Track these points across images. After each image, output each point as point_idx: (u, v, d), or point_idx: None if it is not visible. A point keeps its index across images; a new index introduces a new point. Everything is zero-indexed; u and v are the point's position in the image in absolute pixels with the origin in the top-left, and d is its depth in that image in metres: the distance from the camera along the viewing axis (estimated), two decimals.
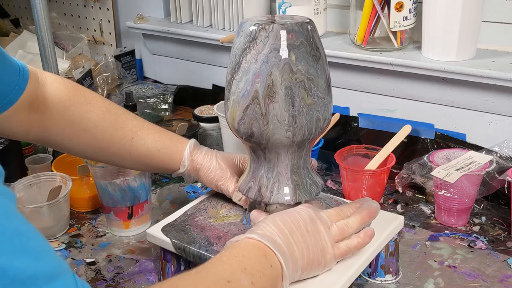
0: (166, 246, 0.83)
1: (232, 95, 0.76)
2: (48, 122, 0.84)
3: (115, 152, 0.88)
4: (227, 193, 0.89)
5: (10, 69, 0.79)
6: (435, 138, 1.15)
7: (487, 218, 1.02)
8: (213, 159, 0.90)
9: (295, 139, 0.75)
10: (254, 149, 0.79)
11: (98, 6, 1.64)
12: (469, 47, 1.07)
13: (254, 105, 0.73)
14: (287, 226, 0.69)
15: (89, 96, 0.88)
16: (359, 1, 1.15)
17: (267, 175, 0.79)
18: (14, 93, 0.79)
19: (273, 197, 0.79)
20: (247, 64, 0.73)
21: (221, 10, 1.36)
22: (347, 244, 0.73)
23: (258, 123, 0.74)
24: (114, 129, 0.87)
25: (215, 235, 0.82)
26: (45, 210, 0.99)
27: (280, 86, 0.72)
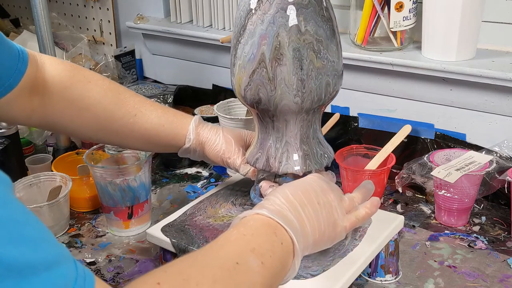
0: (166, 246, 0.83)
1: (238, 60, 0.73)
2: (49, 104, 0.83)
3: (118, 130, 0.86)
4: (234, 167, 0.87)
5: (9, 53, 0.78)
6: (435, 138, 1.15)
7: (487, 218, 1.02)
8: (219, 133, 0.88)
9: (303, 105, 0.73)
10: (262, 117, 0.77)
11: (98, 6, 1.64)
12: (469, 47, 1.07)
13: (261, 69, 0.71)
14: (298, 199, 0.66)
15: (89, 75, 0.87)
16: (359, 1, 1.15)
17: (275, 145, 0.77)
18: (14, 77, 0.78)
19: (282, 167, 0.77)
20: (253, 26, 0.71)
21: (221, 10, 1.36)
22: (356, 215, 0.71)
23: (265, 88, 0.72)
24: (116, 107, 0.85)
25: (214, 235, 0.82)
26: (45, 210, 0.99)
27: (287, 48, 0.70)
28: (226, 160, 0.87)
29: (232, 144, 0.87)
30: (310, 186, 0.69)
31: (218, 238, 0.61)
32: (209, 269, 0.55)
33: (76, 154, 1.18)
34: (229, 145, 0.87)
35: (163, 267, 0.54)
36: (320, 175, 0.72)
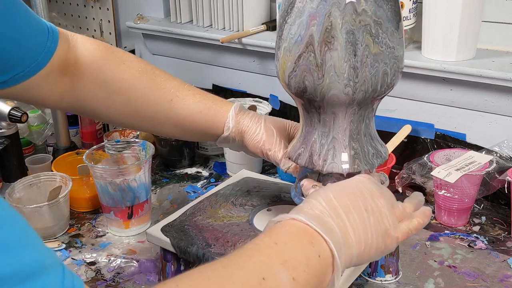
0: (166, 246, 0.83)
1: (283, 42, 0.65)
2: (80, 86, 0.78)
3: (152, 116, 0.81)
4: (274, 160, 0.80)
5: (37, 30, 0.72)
6: (435, 138, 1.15)
7: (487, 218, 1.02)
8: (261, 121, 0.81)
9: (355, 96, 0.64)
10: (307, 109, 0.69)
11: (98, 6, 1.64)
12: (469, 47, 1.07)
13: (308, 54, 0.63)
14: (342, 203, 0.58)
15: (123, 56, 0.81)
16: None
17: (320, 141, 0.70)
18: (42, 56, 0.72)
19: (327, 166, 0.69)
20: (302, 4, 0.63)
21: (221, 10, 1.36)
22: (409, 225, 0.63)
23: (311, 76, 0.64)
24: (150, 91, 0.79)
25: (214, 236, 0.82)
26: (45, 210, 0.99)
27: (340, 30, 0.61)
28: (266, 152, 0.80)
29: (273, 135, 0.80)
30: (358, 189, 0.60)
31: (246, 245, 0.54)
32: (229, 284, 0.48)
33: (76, 154, 1.18)
34: (270, 136, 0.80)
35: (176, 279, 0.48)
36: (370, 177, 0.64)
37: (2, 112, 1.06)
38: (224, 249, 0.78)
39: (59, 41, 0.74)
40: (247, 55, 1.34)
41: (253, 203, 0.90)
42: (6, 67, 0.69)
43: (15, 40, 0.68)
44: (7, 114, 1.06)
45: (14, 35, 0.68)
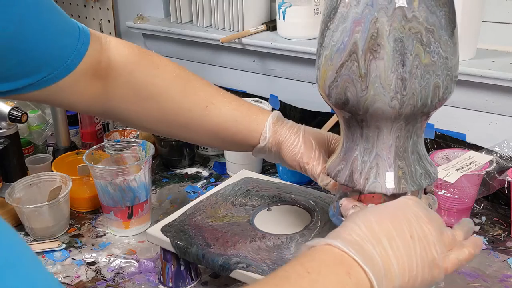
0: (166, 246, 0.83)
1: (324, 50, 0.61)
2: (112, 90, 0.75)
3: (185, 123, 0.77)
4: (312, 175, 0.75)
5: (68, 31, 0.70)
6: (435, 138, 1.15)
7: (487, 218, 1.02)
8: (299, 132, 0.76)
9: (402, 110, 0.59)
10: (349, 122, 0.64)
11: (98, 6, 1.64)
12: (469, 47, 1.07)
13: (351, 63, 0.58)
14: (385, 228, 0.53)
15: (157, 60, 0.77)
16: None
17: (362, 158, 0.65)
18: (72, 58, 0.69)
19: (369, 186, 0.64)
20: (346, 8, 0.58)
21: (221, 10, 1.36)
22: (458, 256, 0.58)
23: (354, 87, 0.59)
24: (184, 97, 0.76)
25: (213, 236, 0.82)
26: (45, 210, 0.99)
27: (387, 38, 0.56)
28: (304, 165, 0.75)
29: (312, 148, 0.75)
30: (402, 213, 0.55)
31: (276, 272, 0.50)
32: None
33: (76, 154, 1.18)
34: (309, 149, 0.75)
35: None
36: (417, 199, 0.59)
37: (2, 112, 1.06)
38: (224, 249, 0.78)
39: (90, 43, 0.72)
40: (247, 55, 1.34)
41: (253, 203, 0.90)
42: (34, 69, 0.67)
43: (44, 40, 0.66)
44: (7, 114, 1.06)
45: (43, 35, 0.66)
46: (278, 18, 1.25)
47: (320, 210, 0.88)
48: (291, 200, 0.91)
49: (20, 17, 0.63)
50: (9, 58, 0.64)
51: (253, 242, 0.80)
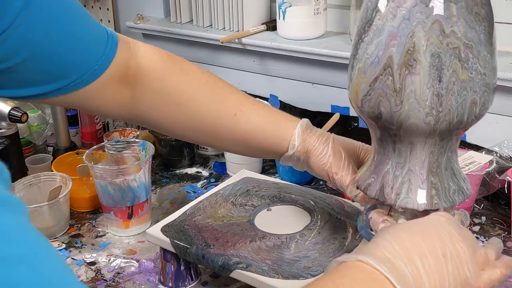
0: (166, 246, 0.83)
1: (358, 63, 0.60)
2: (141, 96, 0.75)
3: (214, 130, 0.77)
4: (340, 185, 0.74)
5: (95, 36, 0.69)
6: None
7: (487, 218, 1.02)
8: (329, 141, 0.75)
9: (437, 126, 0.58)
10: (381, 136, 0.63)
11: (98, 6, 1.64)
12: None
13: (385, 77, 0.57)
14: (417, 246, 0.52)
15: (186, 66, 0.77)
16: (359, 1, 1.15)
17: (394, 172, 0.63)
18: (99, 64, 0.69)
19: (400, 201, 0.63)
20: (382, 21, 0.57)
21: (221, 10, 1.36)
22: (490, 276, 0.56)
23: (388, 101, 0.58)
24: (213, 104, 0.76)
25: (213, 236, 0.82)
26: (45, 210, 0.99)
27: (424, 53, 0.55)
28: (332, 175, 0.74)
29: (341, 158, 0.74)
30: (435, 230, 0.55)
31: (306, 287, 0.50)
32: None
33: (76, 154, 1.18)
34: (338, 159, 0.74)
35: None
36: (450, 216, 0.58)
37: (2, 112, 1.06)
38: (224, 249, 0.79)
39: (118, 49, 0.71)
40: (247, 55, 1.34)
41: (253, 203, 0.90)
42: (61, 74, 0.67)
43: (71, 45, 0.66)
44: (7, 114, 1.06)
45: (71, 42, 0.66)
46: (278, 18, 1.25)
47: (320, 210, 0.88)
48: (291, 200, 0.91)
49: (48, 24, 0.63)
50: (36, 65, 0.64)
51: (253, 242, 0.80)
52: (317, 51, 1.19)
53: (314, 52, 1.20)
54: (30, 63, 0.64)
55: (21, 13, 0.60)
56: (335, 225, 0.84)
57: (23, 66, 0.64)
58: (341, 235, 0.82)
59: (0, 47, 0.61)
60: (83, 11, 0.69)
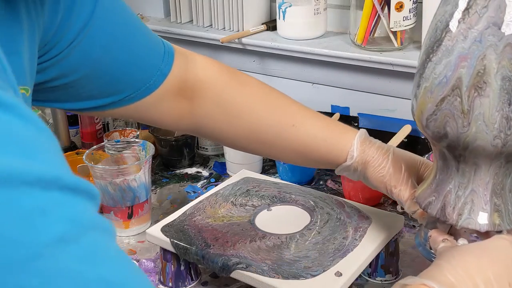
0: (166, 246, 0.83)
1: (425, 82, 0.59)
2: (200, 109, 0.75)
3: (273, 141, 0.77)
4: (398, 199, 0.73)
5: (152, 52, 0.70)
6: None
7: None
8: (388, 154, 0.74)
9: (505, 149, 0.57)
10: (444, 155, 0.63)
11: None
12: None
13: (453, 98, 0.57)
14: (482, 273, 0.51)
15: (244, 79, 0.78)
16: (359, 1, 1.15)
17: (456, 192, 0.63)
18: (155, 79, 0.69)
19: (462, 221, 0.62)
20: (451, 42, 0.56)
21: (221, 10, 1.36)
22: None
23: (455, 122, 0.57)
24: (272, 115, 0.76)
25: (213, 236, 0.82)
26: None
27: (494, 76, 0.55)
28: (391, 188, 0.73)
29: (401, 171, 0.72)
30: (501, 256, 0.54)
31: None
32: None
33: (76, 154, 1.18)
34: (398, 172, 0.73)
35: None
36: None
37: None
38: (223, 250, 0.79)
39: (175, 62, 0.72)
40: (247, 55, 1.34)
41: (253, 203, 0.90)
42: (116, 89, 0.68)
43: (128, 62, 0.67)
44: None
45: (127, 57, 0.67)
46: (278, 18, 1.25)
47: (319, 210, 0.88)
48: (291, 200, 0.91)
49: (107, 42, 0.64)
50: (92, 81, 0.65)
51: (253, 242, 0.80)
52: (317, 51, 1.19)
53: (314, 52, 1.20)
54: (86, 79, 0.64)
55: (81, 32, 0.61)
56: (335, 225, 0.84)
57: (80, 82, 0.64)
58: (341, 235, 0.82)
59: (58, 65, 0.62)
60: (141, 25, 0.70)
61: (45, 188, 0.29)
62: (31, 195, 0.28)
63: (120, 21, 0.66)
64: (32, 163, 0.29)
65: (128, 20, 0.68)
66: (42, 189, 0.29)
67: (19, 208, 0.27)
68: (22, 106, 0.30)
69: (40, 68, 0.60)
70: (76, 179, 0.31)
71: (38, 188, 0.28)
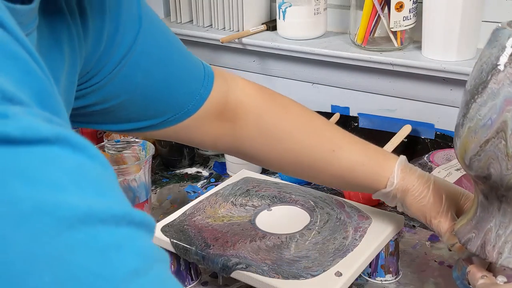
0: (166, 246, 0.83)
1: (469, 122, 0.60)
2: (239, 132, 0.76)
3: (312, 166, 0.78)
4: (437, 230, 0.73)
5: (192, 76, 0.71)
6: (435, 138, 1.15)
7: None
8: (429, 183, 0.74)
9: None
10: (486, 194, 0.63)
11: None
12: (469, 47, 1.07)
13: (498, 140, 0.57)
14: None
15: (285, 103, 0.78)
16: (359, 1, 1.15)
17: (497, 231, 0.63)
18: (194, 104, 0.70)
19: (502, 260, 0.62)
20: (497, 86, 0.57)
21: (221, 10, 1.36)
22: None
23: (499, 164, 0.58)
24: (312, 140, 0.77)
25: (213, 236, 0.82)
26: None
27: None
28: (430, 219, 0.73)
29: (441, 202, 0.73)
30: None
31: None
32: None
33: None
34: (438, 203, 0.73)
35: None
36: None
37: None
38: (223, 250, 0.79)
39: (214, 85, 0.72)
40: (247, 55, 1.34)
41: (253, 203, 0.90)
42: (154, 113, 0.68)
43: (169, 87, 0.67)
44: None
45: (168, 82, 0.67)
46: (278, 18, 1.25)
47: (319, 210, 0.88)
48: (291, 200, 0.91)
49: (149, 68, 0.64)
50: (132, 106, 0.65)
51: (253, 242, 0.80)
52: (317, 51, 1.19)
53: (314, 52, 1.20)
54: (126, 104, 0.65)
55: (123, 59, 0.61)
56: (335, 225, 0.84)
57: (119, 107, 0.65)
58: (341, 235, 0.82)
59: (100, 91, 0.62)
60: (182, 48, 0.70)
61: (118, 224, 0.30)
62: (107, 231, 0.30)
63: (162, 45, 0.66)
64: (105, 201, 0.31)
65: (169, 44, 0.68)
66: (115, 226, 0.30)
67: (98, 245, 0.29)
68: (90, 146, 0.32)
69: (81, 94, 0.60)
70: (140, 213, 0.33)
71: (112, 224, 0.30)
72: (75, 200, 0.29)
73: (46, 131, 0.29)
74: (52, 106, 0.36)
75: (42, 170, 0.28)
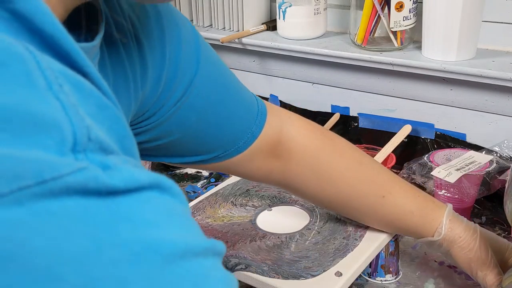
0: None
1: None
2: (291, 169, 0.76)
3: (361, 209, 0.79)
4: (483, 283, 0.73)
5: (245, 113, 0.70)
6: (435, 138, 1.15)
7: (487, 218, 1.02)
8: (476, 235, 0.74)
9: None
10: None
11: None
12: (469, 47, 1.07)
13: None
14: None
15: (338, 144, 0.78)
16: (359, 1, 1.15)
17: None
18: (245, 141, 0.70)
19: None
20: None
21: (221, 10, 1.36)
22: None
23: None
24: (363, 184, 0.77)
25: (213, 236, 0.82)
26: None
27: None
28: (476, 271, 0.74)
29: (488, 255, 0.73)
30: None
31: None
32: None
33: None
34: (484, 255, 0.73)
35: None
36: None
37: None
38: None
39: (267, 122, 0.72)
40: (247, 55, 1.34)
41: (253, 203, 0.90)
42: (206, 150, 0.69)
43: (221, 126, 0.68)
44: None
45: (221, 121, 0.68)
46: (278, 18, 1.25)
47: (319, 210, 0.88)
48: (291, 200, 0.91)
49: (204, 107, 0.65)
50: (184, 143, 0.66)
51: (252, 242, 0.80)
52: (317, 51, 1.19)
53: (314, 52, 1.20)
54: (177, 142, 0.66)
55: (179, 101, 0.62)
56: (335, 225, 0.84)
57: (171, 144, 0.66)
58: (341, 235, 0.82)
59: (153, 130, 0.63)
60: (237, 86, 0.70)
61: (205, 256, 0.33)
62: (199, 264, 0.32)
63: (218, 85, 0.66)
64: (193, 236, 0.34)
65: (225, 83, 0.68)
66: (204, 258, 0.33)
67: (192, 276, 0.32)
68: (173, 185, 0.34)
69: (135, 133, 0.61)
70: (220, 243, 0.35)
71: (202, 257, 0.33)
72: (172, 237, 0.31)
73: (144, 179, 0.31)
74: (130, 148, 0.38)
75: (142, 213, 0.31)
